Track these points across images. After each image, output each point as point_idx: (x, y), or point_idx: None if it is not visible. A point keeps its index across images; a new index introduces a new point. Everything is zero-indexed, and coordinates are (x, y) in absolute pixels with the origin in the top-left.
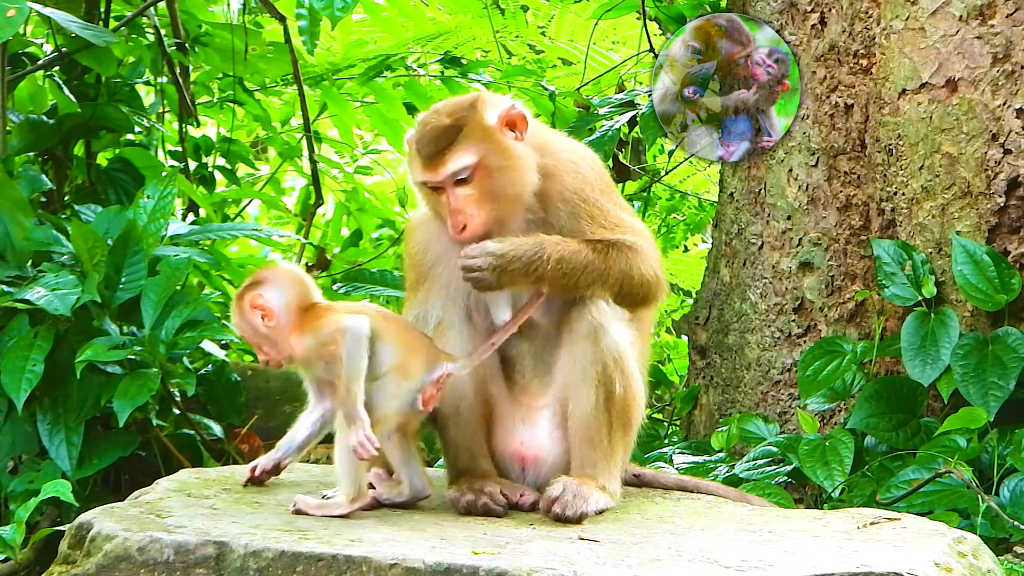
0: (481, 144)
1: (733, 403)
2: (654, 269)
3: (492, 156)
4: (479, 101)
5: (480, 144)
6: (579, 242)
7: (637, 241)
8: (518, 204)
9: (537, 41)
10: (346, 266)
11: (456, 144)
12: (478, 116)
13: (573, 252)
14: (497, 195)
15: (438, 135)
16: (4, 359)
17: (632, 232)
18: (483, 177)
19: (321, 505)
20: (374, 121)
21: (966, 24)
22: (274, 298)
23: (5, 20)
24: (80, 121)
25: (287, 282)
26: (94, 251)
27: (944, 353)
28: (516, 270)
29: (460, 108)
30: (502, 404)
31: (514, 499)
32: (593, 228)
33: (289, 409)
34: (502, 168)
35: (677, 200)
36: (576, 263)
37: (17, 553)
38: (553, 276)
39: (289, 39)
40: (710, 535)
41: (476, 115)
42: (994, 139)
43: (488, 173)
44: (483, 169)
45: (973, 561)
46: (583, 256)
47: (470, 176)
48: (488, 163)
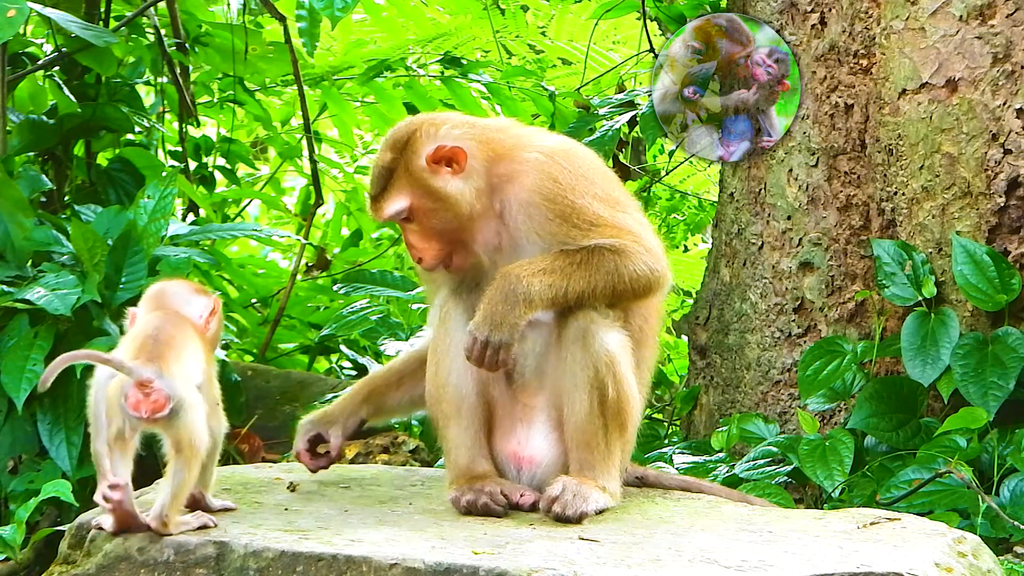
0: (410, 188)
1: (733, 403)
2: (646, 263)
3: (422, 199)
4: (413, 139)
5: (409, 188)
6: (551, 259)
7: (618, 241)
8: (468, 231)
9: (537, 41)
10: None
11: (389, 189)
12: (408, 158)
13: (547, 285)
14: (439, 230)
15: (377, 176)
16: (4, 359)
17: (613, 229)
18: (421, 216)
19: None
20: (374, 121)
21: (966, 24)
22: None
23: (5, 20)
24: (80, 121)
25: None
26: (94, 251)
27: (944, 353)
28: (504, 328)
29: (397, 145)
30: (502, 405)
31: (514, 499)
32: (565, 229)
33: (289, 409)
34: (432, 209)
35: (677, 200)
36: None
37: (17, 553)
38: (541, 306)
39: (289, 39)
40: (710, 535)
41: (406, 157)
42: (994, 139)
43: (424, 213)
44: (418, 210)
45: (973, 561)
46: (559, 276)
47: (410, 215)
48: (420, 205)
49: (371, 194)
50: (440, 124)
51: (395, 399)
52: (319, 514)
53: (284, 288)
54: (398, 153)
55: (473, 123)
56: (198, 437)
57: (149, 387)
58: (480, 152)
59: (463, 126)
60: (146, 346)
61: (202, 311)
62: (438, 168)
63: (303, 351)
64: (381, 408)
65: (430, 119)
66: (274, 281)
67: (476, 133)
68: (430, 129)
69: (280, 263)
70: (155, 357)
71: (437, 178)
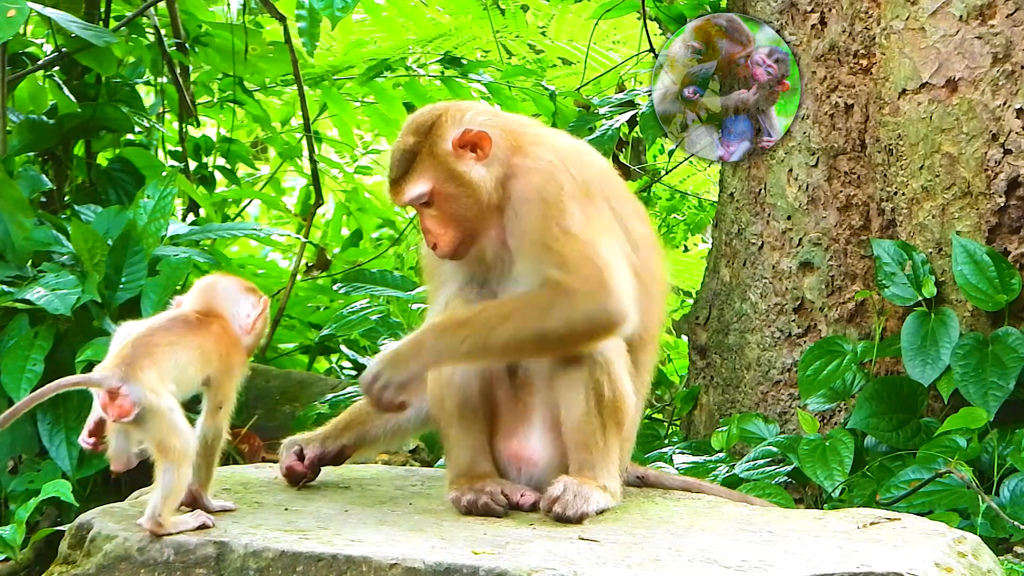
0: (434, 171)
1: (733, 403)
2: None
3: (445, 183)
4: (439, 123)
5: (433, 171)
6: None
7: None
8: (483, 220)
9: (537, 41)
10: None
11: (411, 172)
12: (433, 141)
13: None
14: (458, 216)
15: (399, 160)
16: (4, 359)
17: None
18: (442, 201)
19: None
20: (374, 121)
21: (966, 24)
22: None
23: (5, 20)
24: (80, 121)
25: None
26: (94, 251)
27: (944, 353)
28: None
29: (421, 129)
30: (505, 405)
31: (515, 499)
32: (541, 229)
33: (289, 409)
34: (454, 194)
35: (677, 200)
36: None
37: (17, 553)
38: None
39: (289, 39)
40: (710, 535)
41: (431, 140)
42: (994, 139)
43: (445, 198)
44: (439, 194)
45: (973, 561)
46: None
47: (430, 200)
48: (442, 189)
49: (392, 177)
50: (466, 110)
51: (378, 427)
52: (319, 514)
53: (284, 288)
54: (422, 137)
55: (497, 113)
56: (176, 439)
57: (116, 393)
58: (504, 141)
59: (488, 114)
60: (123, 352)
61: (249, 311)
62: (463, 153)
63: (303, 351)
64: (364, 437)
65: (455, 105)
66: (274, 281)
67: (500, 122)
68: (456, 114)
69: (280, 263)
70: (128, 363)
71: (461, 163)
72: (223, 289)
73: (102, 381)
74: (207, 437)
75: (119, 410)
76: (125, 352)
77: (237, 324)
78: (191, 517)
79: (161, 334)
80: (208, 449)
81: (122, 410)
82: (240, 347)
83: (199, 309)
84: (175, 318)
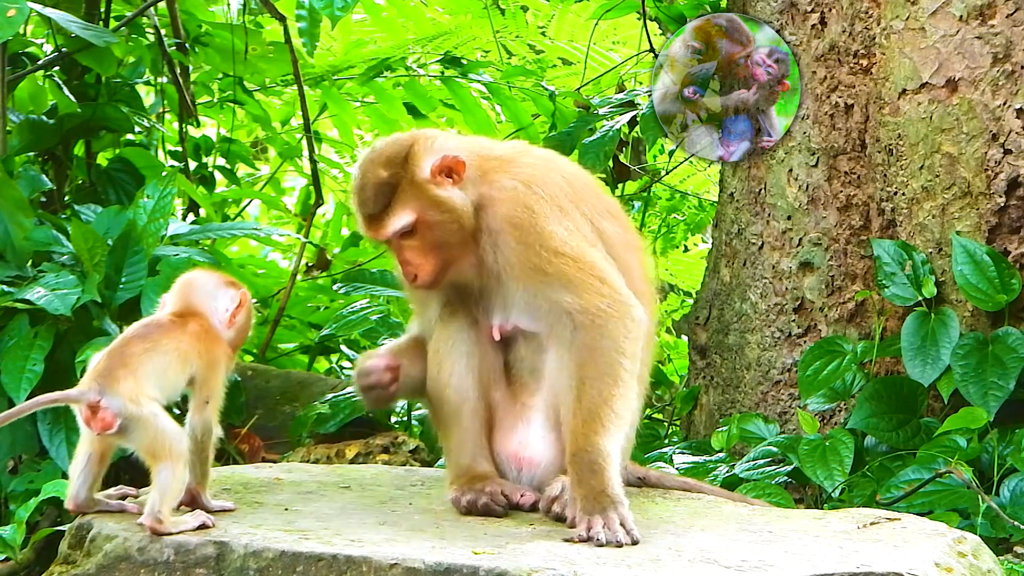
0: (416, 200)
1: (733, 403)
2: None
3: (428, 211)
4: (412, 152)
5: (415, 200)
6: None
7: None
8: (463, 246)
9: (537, 41)
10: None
11: (393, 204)
12: (411, 171)
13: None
14: (440, 243)
15: (375, 193)
16: (4, 359)
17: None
18: (425, 229)
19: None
20: (374, 121)
21: (966, 24)
22: None
23: (5, 20)
24: (80, 121)
25: None
26: (94, 251)
27: (944, 353)
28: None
29: (395, 160)
30: (503, 406)
31: (514, 499)
32: (528, 255)
33: (289, 409)
34: (439, 221)
35: (677, 200)
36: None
37: (17, 553)
38: (623, 454)
39: (289, 39)
40: (710, 535)
41: (409, 170)
42: (994, 139)
43: (429, 226)
44: (423, 223)
45: (973, 561)
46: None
47: (413, 229)
48: (426, 217)
49: (369, 212)
50: (433, 137)
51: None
52: (319, 514)
53: (284, 288)
54: (398, 167)
55: (461, 137)
56: (165, 442)
57: (97, 407)
58: (474, 163)
59: (454, 139)
60: (99, 365)
61: (228, 305)
62: (442, 180)
63: (303, 351)
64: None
65: (421, 133)
66: (274, 281)
67: (468, 145)
68: (427, 142)
69: (280, 263)
70: (104, 376)
71: (441, 189)
72: (200, 285)
73: (80, 396)
74: (196, 433)
75: (102, 423)
76: (101, 365)
77: (217, 319)
78: (191, 517)
79: (135, 342)
80: (199, 446)
81: (104, 423)
82: (222, 342)
83: (177, 308)
84: (149, 324)
